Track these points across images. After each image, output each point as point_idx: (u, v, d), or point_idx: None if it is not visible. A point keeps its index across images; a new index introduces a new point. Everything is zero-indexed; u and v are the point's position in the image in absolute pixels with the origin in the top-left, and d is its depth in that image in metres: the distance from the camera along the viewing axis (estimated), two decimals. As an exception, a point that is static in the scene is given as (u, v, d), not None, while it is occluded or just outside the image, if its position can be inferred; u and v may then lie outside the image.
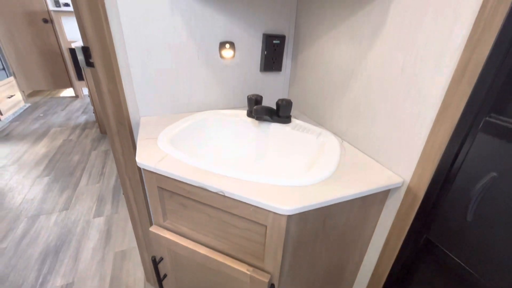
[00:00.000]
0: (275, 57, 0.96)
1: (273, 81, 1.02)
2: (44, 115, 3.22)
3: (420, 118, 0.54)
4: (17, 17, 3.36)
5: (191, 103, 0.94)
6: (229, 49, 0.89)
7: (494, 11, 0.39)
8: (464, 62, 0.44)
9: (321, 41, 0.82)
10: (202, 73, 0.90)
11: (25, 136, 2.67)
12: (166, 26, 0.79)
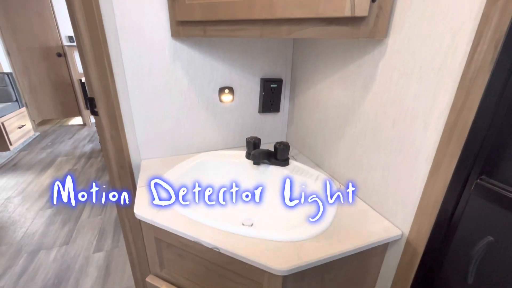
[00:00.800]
0: (273, 99, 0.99)
1: (271, 121, 1.04)
2: (52, 144, 3.30)
3: (414, 172, 0.54)
4: (33, 52, 3.57)
5: (191, 145, 0.96)
6: (228, 93, 0.93)
7: (474, 81, 0.41)
8: (451, 124, 0.45)
9: (316, 87, 0.85)
10: (202, 117, 0.93)
11: (32, 166, 2.72)
12: (168, 76, 0.83)
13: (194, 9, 0.70)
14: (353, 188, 0.72)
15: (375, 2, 0.54)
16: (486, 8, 0.38)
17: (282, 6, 0.60)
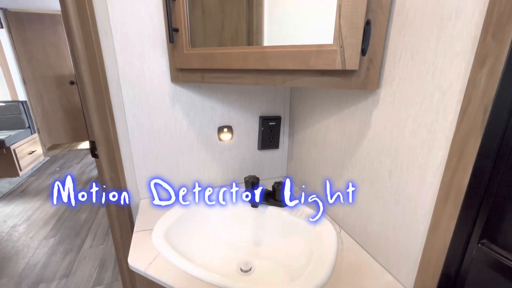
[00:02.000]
0: (272, 136, 1.00)
1: (271, 158, 1.04)
2: (60, 169, 3.36)
3: (414, 226, 0.52)
4: (47, 80, 3.74)
5: (190, 183, 0.96)
6: (227, 132, 0.94)
7: (466, 143, 0.40)
8: (447, 183, 0.44)
9: (314, 126, 0.85)
10: (201, 155, 0.94)
11: (39, 192, 2.76)
12: (168, 118, 0.85)
13: (192, 58, 0.73)
14: (353, 188, 0.69)
15: (365, 56, 0.55)
16: (472, 73, 0.38)
17: (275, 58, 0.62)
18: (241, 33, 1.16)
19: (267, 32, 1.11)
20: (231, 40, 1.19)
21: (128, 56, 0.76)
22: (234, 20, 1.14)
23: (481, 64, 0.37)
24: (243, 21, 1.14)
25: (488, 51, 0.36)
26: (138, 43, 0.76)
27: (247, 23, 1.13)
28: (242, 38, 1.17)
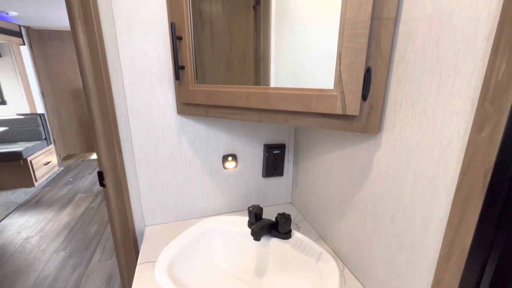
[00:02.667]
0: (276, 164, 1.00)
1: (275, 185, 1.04)
2: (73, 179, 3.46)
3: (416, 280, 0.51)
4: (65, 94, 3.90)
5: (194, 211, 0.97)
6: (231, 161, 0.95)
7: (468, 204, 0.39)
8: (449, 241, 0.43)
9: (318, 158, 0.85)
10: (206, 183, 0.95)
11: (53, 203, 2.84)
12: (174, 148, 0.87)
13: (197, 94, 0.75)
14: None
15: (366, 101, 0.55)
16: (472, 135, 0.38)
17: (277, 100, 0.63)
18: (248, 57, 1.18)
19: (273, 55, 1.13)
20: (239, 63, 1.22)
21: (137, 90, 0.79)
22: (241, 43, 1.17)
23: (480, 128, 0.37)
24: (250, 45, 1.17)
25: (487, 117, 0.36)
26: (146, 78, 0.78)
27: (254, 46, 1.16)
28: (249, 61, 1.19)
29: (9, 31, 3.22)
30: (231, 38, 1.18)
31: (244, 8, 1.12)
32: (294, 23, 0.90)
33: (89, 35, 0.68)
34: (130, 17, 0.72)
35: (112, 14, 0.71)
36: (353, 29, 0.50)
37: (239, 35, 1.15)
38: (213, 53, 1.24)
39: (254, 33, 1.14)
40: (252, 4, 1.10)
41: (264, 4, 1.11)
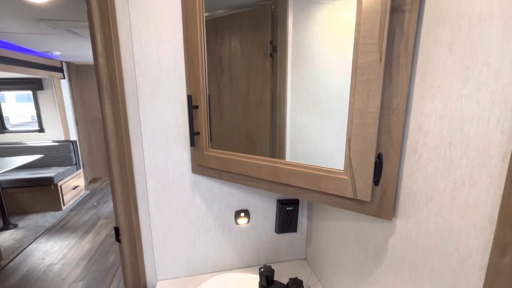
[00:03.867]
0: (290, 220, 0.98)
1: (289, 241, 1.01)
2: (97, 204, 3.60)
3: None
4: (95, 121, 4.18)
5: (206, 266, 0.96)
6: (244, 217, 0.94)
7: None
8: None
9: (332, 222, 0.82)
10: (218, 238, 0.95)
11: (77, 228, 2.96)
12: (187, 204, 0.89)
13: (210, 159, 0.77)
14: None
15: (378, 186, 0.53)
16: (492, 258, 0.35)
17: (286, 175, 0.63)
18: (265, 100, 1.21)
19: (290, 98, 1.15)
20: (256, 106, 1.25)
21: (154, 151, 0.83)
22: (259, 87, 1.20)
23: (501, 253, 0.34)
24: (267, 89, 1.20)
25: (507, 243, 0.33)
26: (164, 141, 0.82)
27: (271, 90, 1.19)
28: (266, 104, 1.22)
29: (52, 67, 3.58)
30: (248, 82, 1.23)
31: (261, 55, 1.16)
32: (310, 69, 0.93)
33: (114, 106, 0.74)
34: (152, 88, 0.78)
35: (136, 87, 0.76)
36: (362, 119, 0.50)
37: (257, 79, 1.19)
38: (232, 96, 1.28)
39: (271, 78, 1.18)
40: (269, 52, 1.14)
41: (280, 52, 1.15)
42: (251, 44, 1.16)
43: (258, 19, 1.13)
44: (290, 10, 1.09)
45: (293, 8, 1.08)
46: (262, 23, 1.13)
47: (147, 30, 0.74)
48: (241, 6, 1.16)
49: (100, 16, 0.70)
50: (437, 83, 0.43)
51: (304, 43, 1.12)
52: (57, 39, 2.46)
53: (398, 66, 0.47)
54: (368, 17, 0.47)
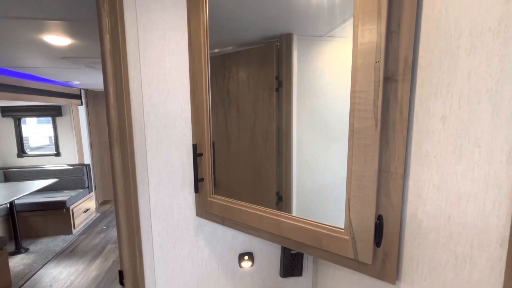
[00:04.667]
0: (295, 264, 0.96)
1: (294, 285, 0.99)
2: (107, 227, 3.63)
3: None
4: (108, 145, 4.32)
5: (209, 311, 0.94)
6: (248, 260, 0.93)
7: None
8: None
9: (336, 272, 0.80)
10: (221, 282, 0.93)
11: (85, 253, 2.97)
12: (191, 247, 0.89)
13: (214, 206, 0.78)
14: None
15: (380, 248, 0.53)
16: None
17: (288, 229, 0.63)
18: (271, 133, 1.23)
19: (296, 131, 1.16)
20: (262, 138, 1.26)
21: (160, 195, 0.84)
22: (265, 121, 1.23)
23: None
24: (273, 123, 1.22)
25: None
26: (170, 184, 0.84)
27: (277, 124, 1.21)
28: (272, 137, 1.24)
29: (71, 95, 3.78)
30: (255, 115, 1.26)
31: (267, 90, 1.20)
32: (314, 102, 0.95)
33: (123, 155, 0.77)
34: (160, 135, 0.81)
35: (144, 134, 0.80)
36: (360, 181, 0.51)
37: (263, 113, 1.22)
38: (239, 127, 1.31)
39: (277, 112, 1.21)
40: (275, 87, 1.18)
41: (286, 87, 1.18)
42: (258, 79, 1.21)
43: (264, 56, 1.18)
44: (295, 47, 1.13)
45: (297, 45, 1.13)
46: (268, 60, 1.18)
47: (156, 83, 0.79)
48: (248, 44, 1.22)
49: (113, 72, 0.75)
50: (433, 153, 0.43)
51: (308, 78, 1.15)
52: (76, 72, 2.63)
53: (394, 131, 0.48)
54: (362, 84, 0.49)
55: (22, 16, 1.11)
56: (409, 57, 0.45)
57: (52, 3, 0.98)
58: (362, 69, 0.48)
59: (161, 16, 0.77)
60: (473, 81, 0.35)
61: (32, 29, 1.26)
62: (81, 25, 1.23)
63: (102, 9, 0.71)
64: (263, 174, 1.26)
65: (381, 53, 0.46)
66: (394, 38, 0.47)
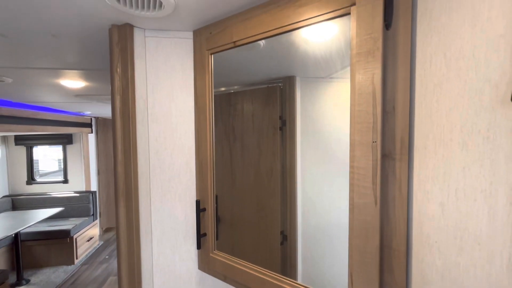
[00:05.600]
0: (299, 320, 0.92)
1: None
2: (109, 257, 3.57)
3: None
4: (115, 171, 4.37)
5: None
6: (250, 315, 0.90)
7: None
8: None
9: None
10: None
11: (86, 285, 2.90)
12: (192, 302, 0.87)
13: (216, 262, 0.77)
14: None
15: (385, 326, 0.51)
16: None
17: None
18: (275, 171, 1.23)
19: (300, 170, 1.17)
20: (266, 176, 1.27)
21: (163, 248, 0.84)
22: (269, 159, 1.24)
23: None
24: (277, 161, 1.23)
25: None
26: (172, 237, 0.84)
27: (281, 162, 1.21)
28: (276, 175, 1.24)
29: (82, 123, 3.91)
30: (259, 152, 1.27)
31: (271, 129, 1.22)
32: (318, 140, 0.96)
33: (128, 209, 0.79)
34: (164, 188, 0.83)
35: (150, 187, 0.82)
36: (362, 257, 0.50)
37: (267, 151, 1.23)
38: (243, 164, 1.32)
39: (281, 150, 1.22)
40: (279, 126, 1.20)
41: (289, 126, 1.20)
42: (262, 118, 1.24)
43: (268, 97, 1.22)
44: (298, 88, 1.17)
45: (300, 86, 1.16)
46: (271, 100, 1.22)
47: (163, 138, 0.82)
48: (253, 84, 1.27)
49: (122, 129, 0.79)
50: (434, 238, 0.43)
51: (312, 116, 1.17)
52: (89, 105, 2.74)
53: (394, 208, 0.49)
54: (360, 161, 0.50)
55: (42, 67, 1.19)
56: (405, 138, 0.47)
57: (70, 57, 1.06)
58: (359, 147, 0.50)
59: (169, 76, 0.81)
60: (467, 177, 0.36)
61: (50, 75, 1.35)
62: (96, 72, 1.31)
63: (115, 72, 0.76)
64: (267, 212, 1.25)
65: (378, 133, 0.47)
66: (390, 119, 0.48)
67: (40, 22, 0.72)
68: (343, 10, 0.51)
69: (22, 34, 0.80)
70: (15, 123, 2.60)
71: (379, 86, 0.47)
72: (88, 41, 0.87)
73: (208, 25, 0.75)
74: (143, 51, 0.79)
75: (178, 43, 0.81)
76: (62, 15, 0.69)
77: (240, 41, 0.68)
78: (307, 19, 0.56)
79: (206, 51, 0.75)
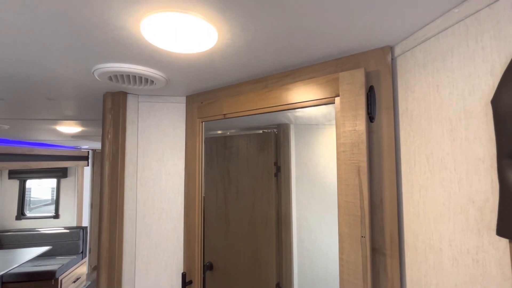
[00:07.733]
0: None
1: None
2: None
3: None
4: (109, 205, 4.25)
5: None
6: None
7: None
8: None
9: None
10: None
11: (67, 335, 2.67)
12: None
13: None
14: None
15: None
16: None
17: None
18: (270, 219, 1.18)
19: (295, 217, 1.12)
20: (261, 223, 1.21)
21: (145, 322, 0.78)
22: (264, 205, 1.19)
23: None
24: (272, 208, 1.18)
25: None
26: (156, 310, 0.79)
27: (277, 208, 1.17)
28: (271, 223, 1.19)
29: (79, 157, 3.90)
30: (254, 198, 1.23)
31: (266, 175, 1.20)
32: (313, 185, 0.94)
33: (110, 280, 0.74)
34: (150, 255, 0.79)
35: (135, 254, 0.78)
36: None
37: (262, 197, 1.19)
38: (237, 209, 1.27)
39: (276, 197, 1.18)
40: (274, 172, 1.18)
41: (284, 173, 1.18)
42: (257, 163, 1.22)
43: (263, 142, 1.21)
44: (292, 135, 1.17)
45: (294, 132, 1.17)
46: (266, 145, 1.21)
47: (151, 202, 0.80)
48: (249, 128, 1.28)
49: (109, 195, 0.77)
50: None
51: (306, 162, 1.16)
52: (85, 141, 2.75)
53: (388, 309, 0.45)
54: (350, 255, 0.48)
55: (41, 118, 1.21)
56: (394, 233, 0.45)
57: (68, 111, 1.07)
58: (348, 240, 0.48)
59: (160, 140, 0.82)
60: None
61: (46, 123, 1.36)
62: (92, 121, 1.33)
63: (106, 138, 0.77)
64: (262, 262, 1.19)
65: (366, 227, 0.46)
66: (378, 212, 0.47)
67: (37, 89, 0.73)
68: (328, 99, 0.52)
69: (20, 98, 0.82)
70: (10, 160, 2.58)
71: (365, 178, 0.46)
72: (83, 102, 0.89)
73: (200, 93, 0.77)
74: (135, 116, 0.80)
75: (171, 108, 0.82)
76: (57, 85, 0.70)
77: (230, 114, 0.69)
78: (294, 103, 0.57)
79: (198, 119, 0.76)
